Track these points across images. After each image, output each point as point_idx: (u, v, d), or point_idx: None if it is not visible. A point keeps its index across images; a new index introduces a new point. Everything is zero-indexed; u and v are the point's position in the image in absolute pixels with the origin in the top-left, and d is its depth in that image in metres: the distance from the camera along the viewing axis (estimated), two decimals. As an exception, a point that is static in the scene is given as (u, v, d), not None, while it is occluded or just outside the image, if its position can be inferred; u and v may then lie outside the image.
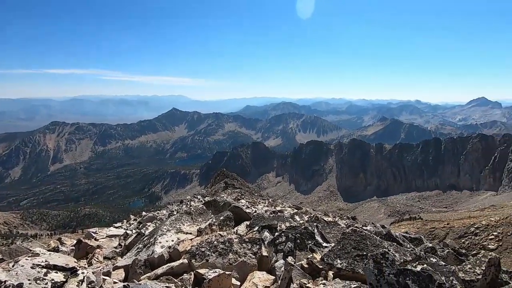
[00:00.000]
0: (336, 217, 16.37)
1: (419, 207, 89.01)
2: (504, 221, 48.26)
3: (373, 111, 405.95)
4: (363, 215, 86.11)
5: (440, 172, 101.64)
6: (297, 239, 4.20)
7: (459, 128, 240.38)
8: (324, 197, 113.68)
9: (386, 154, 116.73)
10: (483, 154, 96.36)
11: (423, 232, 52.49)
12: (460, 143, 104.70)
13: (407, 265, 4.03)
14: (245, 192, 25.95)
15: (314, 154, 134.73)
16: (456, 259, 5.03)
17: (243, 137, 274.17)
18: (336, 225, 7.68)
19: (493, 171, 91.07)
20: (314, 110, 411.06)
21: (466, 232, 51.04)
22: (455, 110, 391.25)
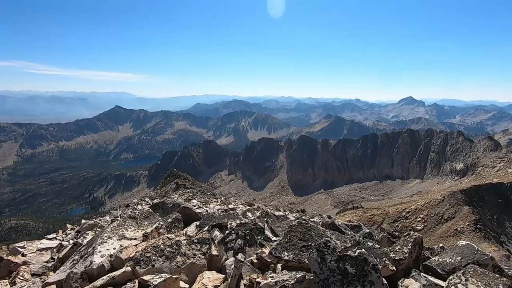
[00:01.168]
0: (287, 211, 17.03)
1: (360, 197, 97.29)
2: (428, 205, 55.41)
3: (319, 109, 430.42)
4: (312, 207, 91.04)
5: (377, 164, 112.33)
6: (247, 235, 4.25)
7: (392, 124, 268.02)
8: (276, 192, 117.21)
9: (331, 149, 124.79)
10: (411, 146, 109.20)
11: (364, 219, 57.52)
12: (393, 137, 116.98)
13: (348, 251, 4.38)
14: (197, 191, 25.42)
15: (265, 151, 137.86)
16: (389, 241, 5.62)
17: (194, 135, 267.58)
18: (286, 218, 7.97)
19: (419, 161, 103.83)
20: (264, 108, 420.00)
21: (399, 216, 57.40)
22: (388, 108, 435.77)
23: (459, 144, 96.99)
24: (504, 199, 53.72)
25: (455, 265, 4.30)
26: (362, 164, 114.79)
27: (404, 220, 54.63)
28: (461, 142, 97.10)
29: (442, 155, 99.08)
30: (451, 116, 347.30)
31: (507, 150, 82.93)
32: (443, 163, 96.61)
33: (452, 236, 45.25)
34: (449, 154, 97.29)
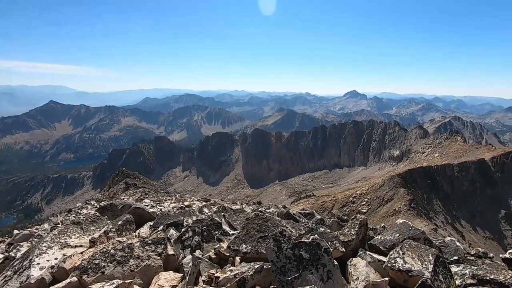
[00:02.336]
0: (244, 204, 17.22)
1: (312, 186, 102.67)
2: (372, 189, 60.62)
3: (271, 102, 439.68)
4: (268, 199, 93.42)
5: (326, 154, 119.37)
6: (204, 231, 4.20)
7: (339, 116, 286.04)
8: (232, 186, 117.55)
9: (284, 142, 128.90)
10: (356, 136, 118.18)
11: (316, 207, 60.87)
12: (340, 129, 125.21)
13: (302, 238, 4.61)
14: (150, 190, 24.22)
15: (220, 146, 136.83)
16: (338, 225, 6.07)
17: (143, 132, 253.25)
18: (243, 211, 8.07)
19: (363, 150, 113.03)
20: (218, 102, 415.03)
21: (347, 201, 61.89)
22: (335, 101, 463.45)
23: (395, 133, 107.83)
24: (432, 180, 61.43)
25: (394, 242, 4.82)
26: (313, 154, 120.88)
27: (351, 205, 59.25)
28: (397, 131, 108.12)
29: (382, 143, 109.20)
30: (389, 108, 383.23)
31: (433, 137, 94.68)
32: (383, 150, 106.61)
33: (391, 216, 50.34)
34: (387, 142, 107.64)
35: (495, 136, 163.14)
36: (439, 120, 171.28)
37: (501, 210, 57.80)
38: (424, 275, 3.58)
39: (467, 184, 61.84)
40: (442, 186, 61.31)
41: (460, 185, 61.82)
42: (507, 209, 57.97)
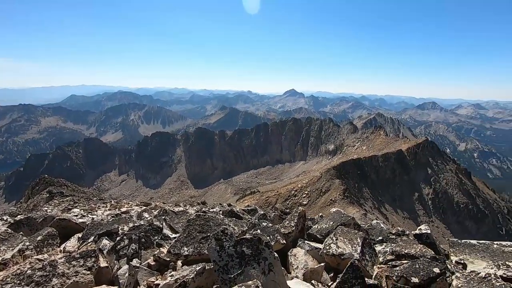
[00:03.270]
0: (187, 206, 16.70)
1: (257, 182, 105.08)
2: (311, 182, 64.60)
3: (214, 100, 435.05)
4: (213, 198, 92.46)
5: (269, 151, 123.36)
6: (142, 238, 3.95)
7: (280, 114, 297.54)
8: (176, 187, 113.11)
9: (228, 140, 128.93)
10: (296, 133, 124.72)
11: (261, 202, 62.39)
12: (281, 126, 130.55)
13: (245, 234, 4.68)
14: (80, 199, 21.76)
15: (161, 146, 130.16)
16: (280, 219, 6.33)
17: (70, 133, 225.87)
18: (186, 213, 7.82)
19: (302, 145, 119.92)
20: (157, 100, 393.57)
21: (289, 195, 64.86)
22: (276, 99, 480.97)
23: (330, 129, 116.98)
24: (361, 171, 68.46)
25: (329, 229, 5.24)
26: (257, 151, 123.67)
27: (294, 198, 62.44)
28: (332, 127, 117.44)
29: (319, 139, 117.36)
30: (324, 106, 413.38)
31: (362, 132, 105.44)
32: (320, 145, 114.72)
33: (329, 206, 54.57)
34: (324, 137, 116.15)
35: (409, 130, 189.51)
36: (366, 116, 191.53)
37: (415, 193, 67.58)
38: (354, 257, 3.98)
39: (389, 172, 70.56)
40: (369, 175, 68.80)
41: (383, 174, 70.19)
42: (419, 192, 68.01)
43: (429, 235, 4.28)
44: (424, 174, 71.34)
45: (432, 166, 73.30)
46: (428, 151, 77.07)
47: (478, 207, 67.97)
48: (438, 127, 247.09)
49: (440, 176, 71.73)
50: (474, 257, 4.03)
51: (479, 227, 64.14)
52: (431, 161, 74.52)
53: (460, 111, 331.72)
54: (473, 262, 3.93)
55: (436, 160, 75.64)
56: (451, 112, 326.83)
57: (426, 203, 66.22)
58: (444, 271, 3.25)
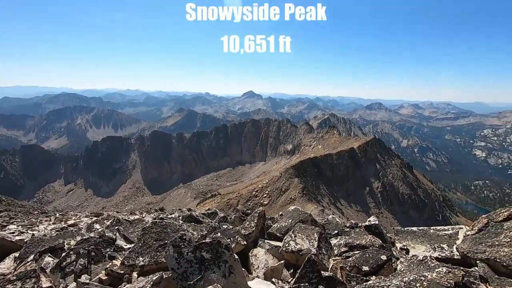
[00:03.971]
0: (144, 213, 15.88)
1: (217, 185, 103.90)
2: (271, 182, 65.75)
3: (170, 102, 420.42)
4: (172, 203, 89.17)
5: (229, 152, 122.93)
6: (92, 251, 3.66)
7: (239, 116, 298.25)
8: (131, 195, 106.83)
9: (186, 143, 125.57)
10: (255, 134, 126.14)
11: (222, 205, 61.80)
12: (240, 127, 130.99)
13: (205, 238, 4.61)
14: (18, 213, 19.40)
15: (113, 151, 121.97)
16: (240, 220, 6.34)
17: (3, 140, 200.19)
18: (142, 221, 7.43)
19: (261, 146, 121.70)
20: (107, 103, 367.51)
21: (250, 196, 65.23)
22: (234, 101, 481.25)
23: (288, 129, 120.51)
24: (318, 169, 71.70)
25: (288, 227, 5.39)
26: (216, 154, 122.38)
27: (255, 198, 63.03)
28: (289, 127, 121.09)
29: (277, 139, 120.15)
30: (281, 107, 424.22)
31: (317, 132, 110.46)
32: (279, 145, 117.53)
33: (289, 204, 56.12)
34: (282, 138, 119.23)
35: (359, 129, 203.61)
36: (321, 117, 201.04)
37: (366, 187, 72.74)
38: (311, 252, 4.16)
39: (343, 169, 74.95)
40: (325, 173, 72.35)
41: (338, 171, 74.34)
42: (370, 186, 73.35)
43: (377, 226, 4.64)
44: (373, 170, 77.13)
45: (380, 162, 79.59)
46: (376, 148, 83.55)
47: (419, 197, 75.54)
48: (384, 126, 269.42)
49: (387, 171, 78.19)
50: (415, 243, 4.48)
51: (420, 215, 71.23)
52: (379, 157, 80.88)
53: (402, 111, 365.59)
54: (414, 247, 4.36)
55: (383, 156, 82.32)
56: (395, 112, 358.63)
57: (376, 196, 71.66)
58: (390, 257, 3.56)
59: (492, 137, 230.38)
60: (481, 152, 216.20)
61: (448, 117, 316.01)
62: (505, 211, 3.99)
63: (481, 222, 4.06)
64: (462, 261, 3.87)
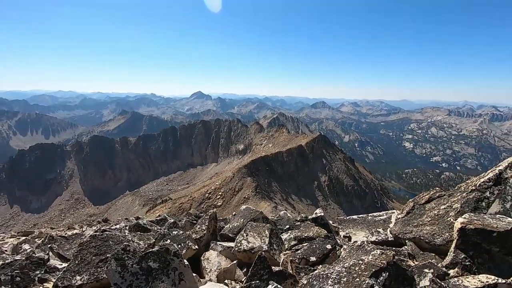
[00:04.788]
0: (84, 227, 14.47)
1: (168, 189, 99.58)
2: (224, 182, 65.41)
3: (111, 104, 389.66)
4: (118, 213, 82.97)
5: (179, 155, 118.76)
6: (16, 277, 3.19)
7: (188, 117, 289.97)
8: (69, 208, 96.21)
9: (132, 147, 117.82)
10: (205, 135, 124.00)
11: (174, 210, 59.53)
12: (190, 129, 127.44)
13: (154, 247, 4.38)
14: None
15: (44, 160, 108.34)
16: (191, 224, 6.17)
17: None
18: (81, 236, 6.75)
19: (213, 147, 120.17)
20: (35, 106, 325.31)
21: (203, 198, 64.00)
22: (182, 102, 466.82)
23: (239, 129, 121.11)
24: (270, 167, 73.54)
25: (240, 226, 5.41)
26: (166, 157, 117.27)
27: (208, 200, 61.98)
28: (240, 127, 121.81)
29: (229, 139, 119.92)
30: (231, 107, 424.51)
31: (267, 131, 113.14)
32: (230, 146, 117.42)
33: (243, 203, 56.46)
34: (233, 138, 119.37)
35: (306, 126, 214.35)
36: (270, 116, 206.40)
37: (315, 182, 76.91)
38: (263, 249, 4.24)
39: (293, 165, 78.09)
40: (277, 170, 74.56)
41: (288, 167, 77.20)
42: (318, 180, 77.73)
43: (323, 217, 4.93)
44: (320, 164, 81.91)
45: (326, 157, 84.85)
46: (322, 144, 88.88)
47: (361, 187, 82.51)
48: (328, 123, 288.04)
49: (333, 165, 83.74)
50: (356, 230, 4.88)
51: (362, 203, 77.84)
52: (325, 152, 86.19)
53: (343, 109, 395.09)
54: (356, 233, 4.75)
55: (329, 151, 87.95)
56: (337, 110, 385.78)
57: (324, 189, 76.25)
58: (334, 246, 3.82)
59: (417, 130, 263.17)
60: (409, 143, 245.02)
61: (381, 113, 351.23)
62: (426, 195, 4.58)
63: (408, 206, 4.61)
64: (395, 242, 4.34)
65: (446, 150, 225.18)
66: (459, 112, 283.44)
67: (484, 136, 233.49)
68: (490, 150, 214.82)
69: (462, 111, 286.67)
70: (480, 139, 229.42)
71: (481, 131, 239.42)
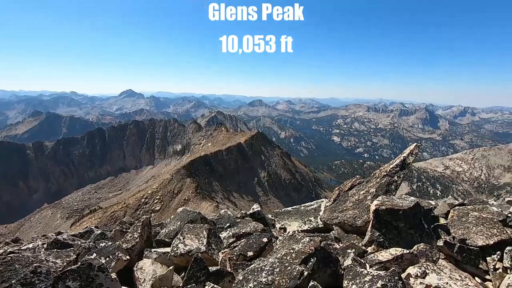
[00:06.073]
0: (-14, 251, 12.08)
1: (97, 198, 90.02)
2: (162, 185, 62.22)
3: (20, 104, 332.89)
4: (34, 230, 71.90)
5: (109, 159, 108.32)
6: None
7: (117, 117, 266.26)
8: (-35, 230, 79.13)
9: (49, 153, 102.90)
10: (139, 136, 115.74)
11: (105, 219, 54.33)
12: (120, 130, 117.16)
13: (77, 263, 3.89)
14: None
15: None
16: (122, 233, 5.68)
17: None
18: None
19: (148, 149, 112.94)
20: None
21: (139, 204, 59.89)
22: (110, 101, 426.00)
23: (176, 129, 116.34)
24: (210, 166, 72.59)
25: (177, 230, 5.20)
26: (93, 162, 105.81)
27: (145, 206, 58.12)
28: (177, 127, 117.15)
29: (165, 140, 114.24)
30: (166, 106, 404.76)
31: (206, 130, 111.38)
32: (167, 147, 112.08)
33: (183, 206, 54.52)
34: (170, 138, 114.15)
35: (245, 124, 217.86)
36: (208, 115, 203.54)
37: (255, 178, 78.87)
38: (201, 250, 4.15)
39: (233, 163, 78.60)
40: (217, 169, 74.04)
41: (228, 165, 77.43)
42: (258, 176, 79.88)
43: (259, 212, 5.07)
44: (259, 161, 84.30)
45: (264, 153, 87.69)
46: (260, 141, 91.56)
47: (298, 180, 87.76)
48: (265, 121, 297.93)
49: (271, 161, 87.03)
50: (291, 221, 5.16)
51: (299, 195, 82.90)
52: (263, 149, 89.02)
53: (278, 107, 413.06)
54: (290, 224, 5.02)
55: (267, 148, 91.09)
56: (273, 107, 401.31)
57: (264, 184, 78.78)
58: (270, 238, 3.96)
59: (343, 125, 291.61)
60: (337, 137, 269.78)
61: (313, 110, 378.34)
62: (349, 182, 5.09)
63: (334, 193, 5.06)
64: (325, 228, 4.72)
65: (367, 142, 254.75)
66: (375, 108, 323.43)
67: (395, 128, 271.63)
68: (400, 141, 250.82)
69: (378, 107, 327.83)
70: (392, 132, 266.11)
71: (393, 124, 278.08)
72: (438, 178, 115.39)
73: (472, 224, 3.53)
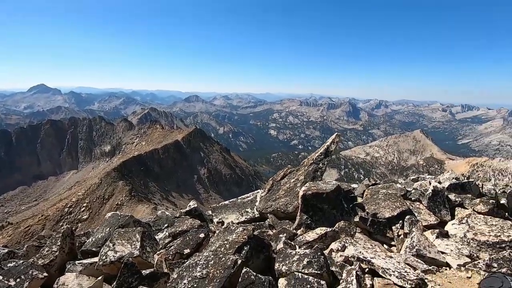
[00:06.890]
0: None
1: (4, 212, 76.34)
2: (89, 191, 56.21)
3: None
4: None
5: (19, 166, 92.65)
6: None
7: (27, 116, 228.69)
8: None
9: None
10: (57, 138, 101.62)
11: (18, 236, 46.82)
12: (32, 131, 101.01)
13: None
14: None
15: None
16: (37, 249, 4.98)
17: None
18: None
19: (69, 152, 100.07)
20: None
21: (62, 214, 53.07)
22: (17, 97, 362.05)
23: (103, 128, 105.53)
24: (145, 166, 68.15)
25: (106, 237, 4.79)
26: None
27: (69, 216, 51.66)
28: (104, 126, 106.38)
29: (90, 141, 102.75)
30: (90, 103, 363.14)
31: (138, 128, 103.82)
32: (93, 148, 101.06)
33: (116, 211, 50.13)
34: (96, 139, 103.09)
35: (181, 121, 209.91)
36: (140, 112, 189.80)
37: (194, 175, 77.07)
38: (134, 255, 3.92)
39: (170, 162, 75.30)
40: (153, 169, 69.97)
41: (166, 164, 73.91)
42: (197, 174, 78.24)
43: (196, 208, 5.02)
44: (198, 158, 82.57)
45: (203, 150, 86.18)
46: (199, 137, 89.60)
47: (238, 174, 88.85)
48: (203, 117, 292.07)
49: (210, 157, 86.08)
50: (228, 214, 5.24)
51: (240, 189, 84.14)
52: (202, 145, 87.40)
53: (216, 102, 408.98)
54: (228, 217, 5.09)
55: (206, 144, 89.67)
56: (210, 103, 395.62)
57: (204, 181, 77.62)
58: (207, 233, 3.96)
59: (279, 119, 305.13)
60: (274, 131, 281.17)
61: (250, 105, 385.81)
62: (281, 172, 5.40)
63: (268, 184, 5.32)
64: (261, 218, 4.93)
65: (301, 135, 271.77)
66: (307, 103, 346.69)
67: (324, 121, 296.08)
68: (329, 132, 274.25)
69: (309, 102, 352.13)
70: (322, 124, 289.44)
71: (323, 117, 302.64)
72: (361, 164, 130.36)
73: (381, 200, 4.13)
